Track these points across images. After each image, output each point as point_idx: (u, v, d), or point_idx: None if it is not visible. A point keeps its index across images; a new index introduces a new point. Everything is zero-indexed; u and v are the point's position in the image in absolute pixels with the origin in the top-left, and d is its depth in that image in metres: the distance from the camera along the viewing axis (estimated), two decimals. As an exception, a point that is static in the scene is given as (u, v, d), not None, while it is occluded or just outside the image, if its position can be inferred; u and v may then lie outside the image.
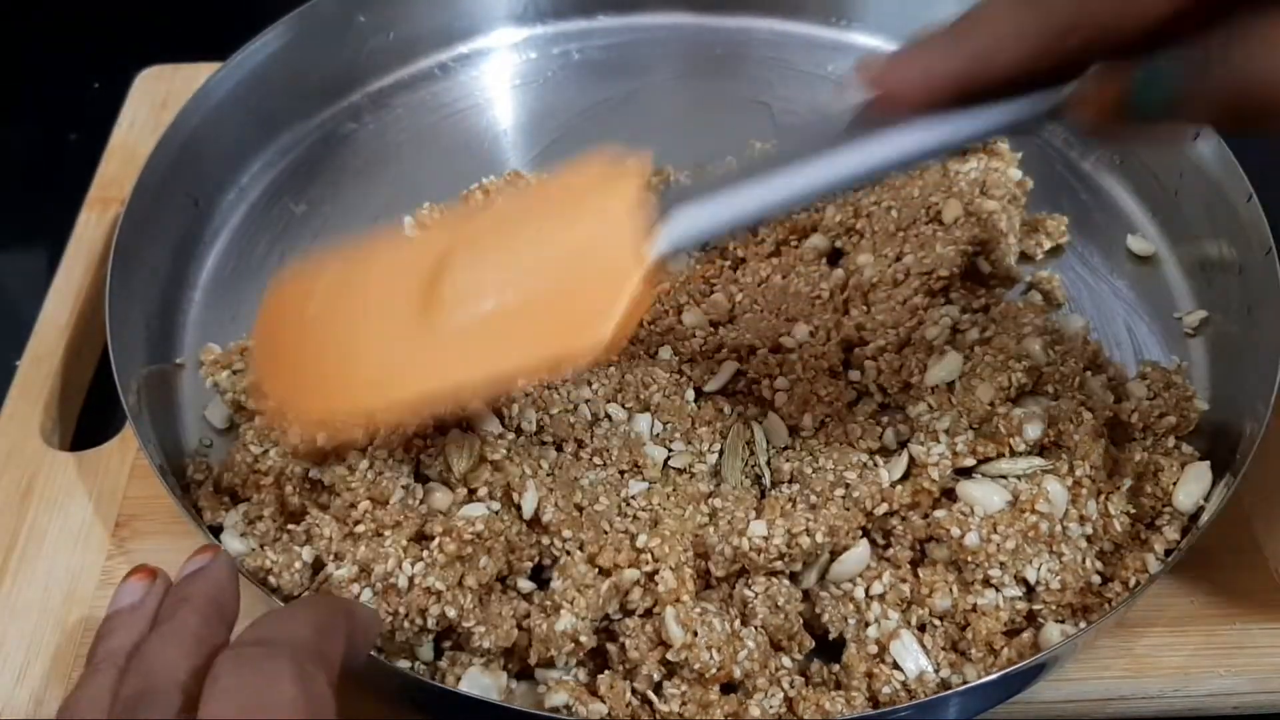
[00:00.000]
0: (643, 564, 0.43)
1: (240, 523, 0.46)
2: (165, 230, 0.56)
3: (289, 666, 0.30)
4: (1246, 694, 0.44)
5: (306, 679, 0.30)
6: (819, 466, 0.46)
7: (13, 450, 0.51)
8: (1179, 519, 0.45)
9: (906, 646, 0.42)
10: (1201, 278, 0.56)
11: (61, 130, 0.73)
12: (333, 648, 0.32)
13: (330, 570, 0.42)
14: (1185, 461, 0.46)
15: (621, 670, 0.42)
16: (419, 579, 0.41)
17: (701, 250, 0.55)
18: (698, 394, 0.49)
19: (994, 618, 0.42)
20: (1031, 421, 0.45)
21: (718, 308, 0.52)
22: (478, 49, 0.68)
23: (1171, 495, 0.45)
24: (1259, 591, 0.46)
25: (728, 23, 0.69)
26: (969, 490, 0.44)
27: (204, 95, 0.58)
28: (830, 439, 0.47)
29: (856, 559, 0.43)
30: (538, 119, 0.65)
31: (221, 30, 0.65)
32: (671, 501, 0.45)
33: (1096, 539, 0.44)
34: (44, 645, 0.45)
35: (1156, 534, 0.45)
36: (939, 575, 0.43)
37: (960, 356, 0.48)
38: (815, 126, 0.36)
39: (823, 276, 0.53)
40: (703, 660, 0.40)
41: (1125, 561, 0.44)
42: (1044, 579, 0.43)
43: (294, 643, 0.31)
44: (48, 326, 0.56)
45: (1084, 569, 0.43)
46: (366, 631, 0.36)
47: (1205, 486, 0.45)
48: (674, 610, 0.41)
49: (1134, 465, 0.46)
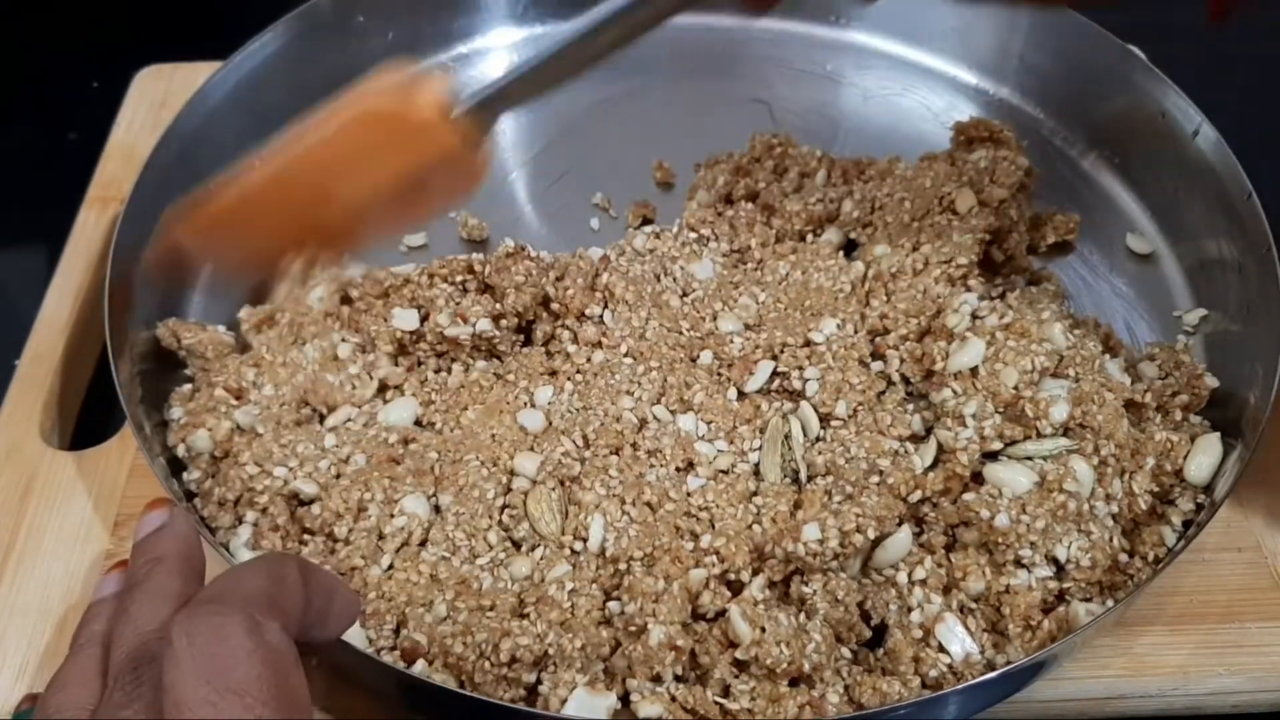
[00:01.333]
0: (709, 566, 0.43)
1: (250, 539, 0.46)
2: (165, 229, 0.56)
3: (240, 619, 0.30)
4: (1245, 693, 0.44)
5: (259, 630, 0.30)
6: (852, 456, 0.46)
7: (12, 449, 0.51)
8: (1191, 490, 0.46)
9: (951, 629, 0.42)
10: (1201, 276, 0.56)
11: (61, 130, 0.73)
12: (288, 598, 0.33)
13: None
14: (1195, 434, 0.47)
15: (693, 678, 0.42)
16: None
17: (723, 257, 0.55)
18: (739, 395, 0.49)
19: (1028, 597, 0.42)
20: (1057, 404, 0.45)
21: (748, 311, 0.52)
22: (476, 49, 0.68)
23: (1183, 469, 0.46)
24: (1258, 591, 0.46)
25: (726, 21, 0.69)
26: (997, 472, 0.44)
27: (204, 95, 0.58)
28: (861, 428, 0.47)
29: (899, 545, 0.44)
30: (536, 119, 0.65)
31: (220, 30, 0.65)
32: (724, 499, 0.45)
33: (1121, 517, 0.45)
34: (43, 643, 0.45)
35: (1173, 507, 0.45)
36: (971, 559, 0.43)
37: (982, 342, 0.48)
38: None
39: (842, 270, 0.53)
40: (774, 656, 0.40)
41: (1143, 536, 0.44)
42: (1074, 557, 0.43)
43: (245, 596, 0.31)
44: (47, 326, 0.56)
45: (1111, 546, 0.44)
46: (332, 595, 0.35)
47: (1216, 458, 0.46)
48: (738, 609, 0.41)
49: (1154, 445, 0.46)
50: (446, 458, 0.47)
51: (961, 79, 0.66)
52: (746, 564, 0.43)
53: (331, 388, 0.50)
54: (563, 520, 0.45)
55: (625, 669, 0.41)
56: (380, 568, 0.44)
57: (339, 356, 0.51)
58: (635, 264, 0.54)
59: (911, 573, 0.43)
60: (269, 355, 0.51)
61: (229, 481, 0.46)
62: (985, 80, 0.66)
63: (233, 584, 0.32)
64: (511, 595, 0.43)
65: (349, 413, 0.50)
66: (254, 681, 0.29)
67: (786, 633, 0.40)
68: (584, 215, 0.59)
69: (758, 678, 0.41)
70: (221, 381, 0.49)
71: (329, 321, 0.52)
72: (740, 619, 0.41)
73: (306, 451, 0.47)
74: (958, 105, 0.65)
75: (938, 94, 0.66)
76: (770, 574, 0.43)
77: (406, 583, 0.43)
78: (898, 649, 0.42)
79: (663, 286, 0.53)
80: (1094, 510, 0.44)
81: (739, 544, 0.43)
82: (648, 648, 0.40)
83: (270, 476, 0.46)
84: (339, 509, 0.45)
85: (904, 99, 0.66)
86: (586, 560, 0.44)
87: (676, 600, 0.42)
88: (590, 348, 0.51)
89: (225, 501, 0.46)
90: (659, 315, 0.52)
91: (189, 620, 0.30)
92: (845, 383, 0.48)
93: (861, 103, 0.66)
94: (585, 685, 0.40)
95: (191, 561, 0.37)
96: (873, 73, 0.67)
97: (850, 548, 0.43)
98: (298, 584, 0.33)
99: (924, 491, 0.45)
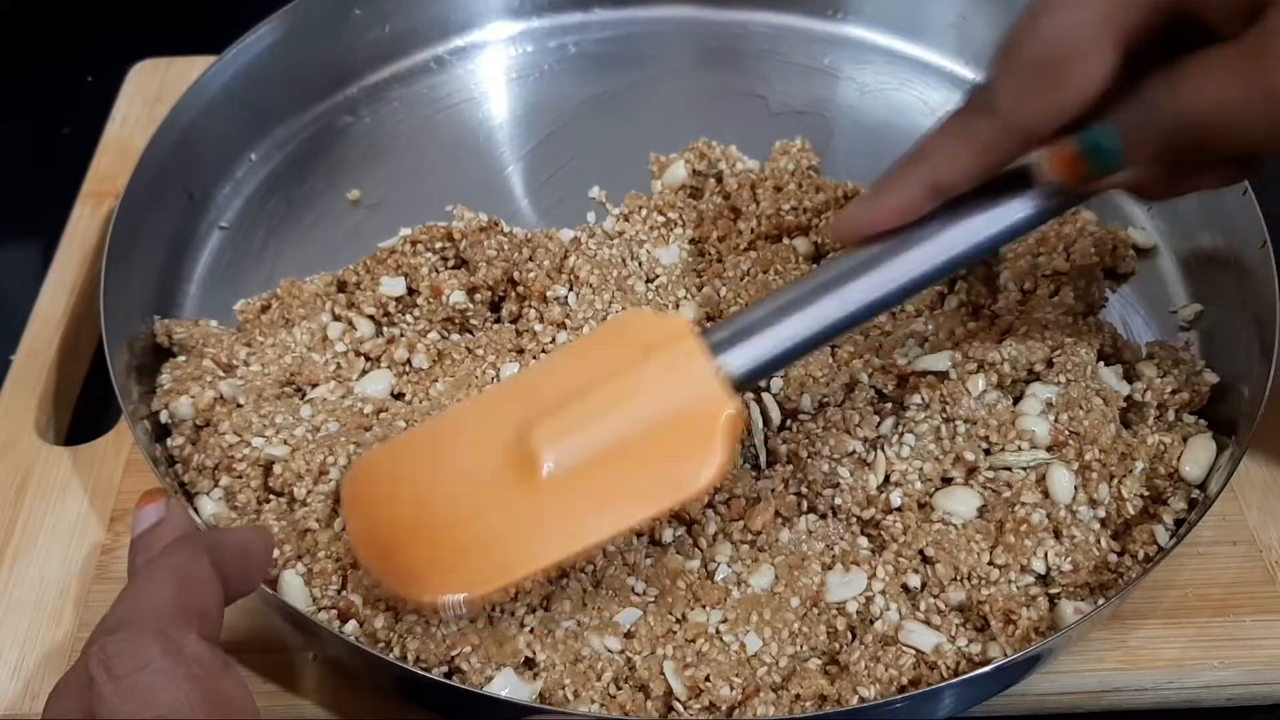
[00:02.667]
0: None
1: (222, 499, 0.46)
2: (160, 223, 0.56)
3: (152, 640, 0.30)
4: (1240, 686, 0.44)
5: (174, 646, 0.30)
6: (815, 451, 0.46)
7: (7, 444, 0.51)
8: (1184, 489, 0.46)
9: (912, 631, 0.42)
10: (1197, 271, 0.56)
11: (55, 124, 0.72)
12: (200, 598, 0.32)
13: None
14: (1188, 434, 0.47)
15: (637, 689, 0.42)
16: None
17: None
18: None
19: (1008, 598, 0.42)
20: (1038, 425, 0.45)
21: (710, 301, 0.52)
22: (474, 42, 0.68)
23: (1178, 469, 0.46)
24: (1252, 584, 0.46)
25: (724, 15, 0.69)
26: (942, 502, 0.44)
27: (200, 88, 0.58)
28: (829, 423, 0.47)
29: (858, 581, 0.43)
30: (534, 112, 0.65)
31: (214, 24, 0.65)
32: None
33: (1110, 521, 0.45)
34: (39, 639, 0.45)
35: (1165, 506, 0.45)
36: (945, 571, 0.43)
37: (948, 353, 0.48)
38: (845, 257, 0.40)
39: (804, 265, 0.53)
40: (719, 696, 0.40)
41: (1133, 534, 0.44)
42: (1054, 564, 0.43)
43: (152, 613, 0.31)
44: (42, 321, 0.56)
45: (1099, 549, 0.43)
46: (248, 554, 0.35)
47: (1210, 455, 0.46)
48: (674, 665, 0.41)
49: (1146, 448, 0.46)
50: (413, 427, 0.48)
51: (959, 74, 0.66)
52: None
53: (317, 366, 0.51)
54: None
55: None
56: (333, 530, 0.45)
57: (329, 337, 0.52)
58: (604, 247, 0.54)
59: (870, 584, 0.43)
60: (261, 337, 0.51)
61: (208, 449, 0.47)
62: (983, 74, 0.66)
63: (137, 603, 0.31)
64: None
65: (329, 387, 0.50)
66: (183, 701, 0.29)
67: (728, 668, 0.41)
68: (581, 209, 0.59)
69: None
70: (212, 354, 0.50)
71: (319, 303, 0.53)
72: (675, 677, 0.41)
73: (284, 421, 0.48)
74: (955, 100, 0.65)
75: (935, 88, 0.66)
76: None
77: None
78: (859, 657, 0.41)
79: (629, 271, 0.54)
80: (1077, 515, 0.44)
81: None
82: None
83: (249, 446, 0.47)
84: (300, 470, 0.46)
85: (901, 93, 0.66)
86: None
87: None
88: (555, 327, 0.51)
89: (204, 468, 0.47)
90: (622, 299, 0.52)
91: (102, 653, 0.29)
92: (808, 376, 0.48)
93: (859, 97, 0.66)
94: (512, 668, 0.40)
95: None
96: (870, 67, 0.67)
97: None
98: (207, 577, 0.33)
99: (877, 509, 0.45)
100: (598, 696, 0.40)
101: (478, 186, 0.61)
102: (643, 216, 0.56)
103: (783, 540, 0.44)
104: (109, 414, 0.53)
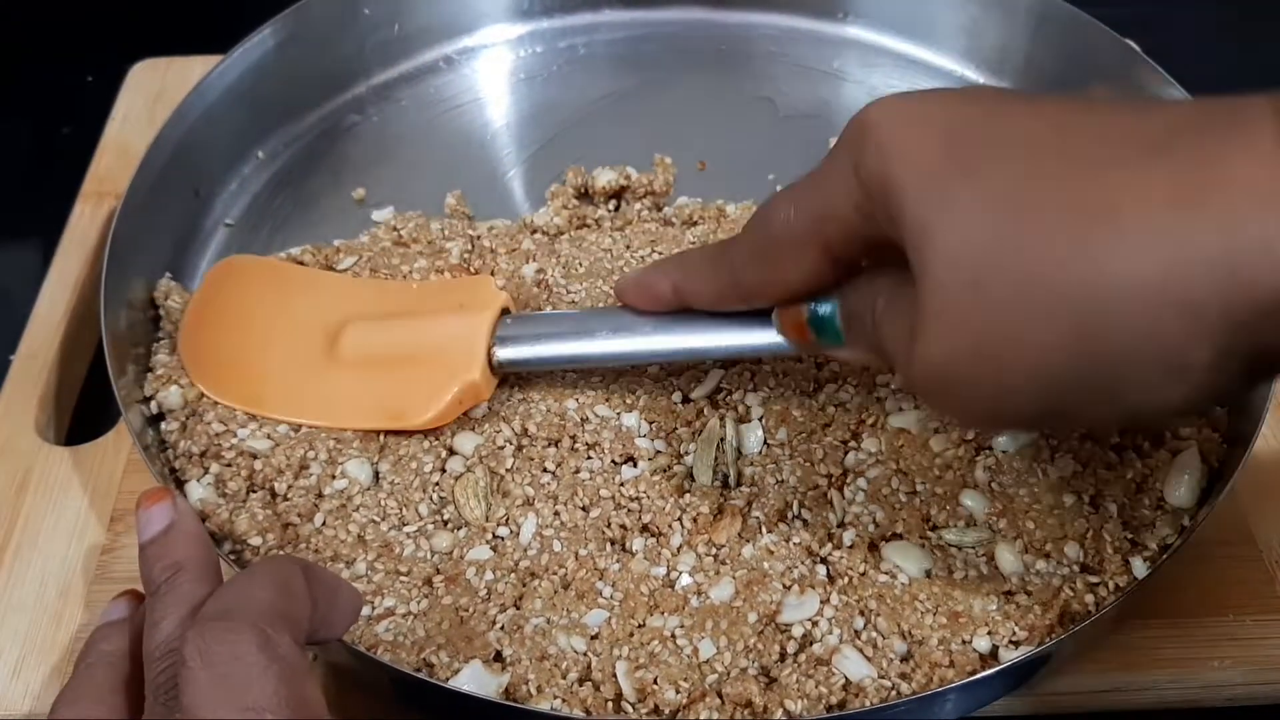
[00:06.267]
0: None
1: (211, 485, 0.46)
2: (166, 221, 0.56)
3: (252, 635, 0.30)
4: (1240, 685, 0.44)
5: (271, 645, 0.30)
6: (782, 480, 0.46)
7: (7, 445, 0.50)
8: (1169, 514, 0.44)
9: (848, 657, 0.41)
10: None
11: (55, 124, 0.72)
12: (296, 607, 0.33)
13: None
14: (1175, 450, 0.46)
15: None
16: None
17: None
18: (684, 399, 0.48)
19: (951, 654, 0.41)
20: (970, 494, 0.44)
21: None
22: (483, 42, 0.68)
23: (1163, 493, 0.45)
24: (1253, 584, 0.46)
25: (731, 18, 0.69)
26: (891, 554, 0.43)
27: (207, 85, 0.57)
28: (796, 454, 0.46)
29: (810, 605, 0.42)
30: (542, 113, 0.65)
31: (215, 23, 0.65)
32: (655, 491, 0.45)
33: (1086, 564, 0.43)
34: (40, 640, 0.44)
35: (1149, 531, 0.44)
36: (887, 625, 0.42)
37: (918, 414, 0.47)
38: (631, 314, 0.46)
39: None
40: (664, 699, 0.40)
41: (1106, 564, 0.43)
42: (999, 642, 0.41)
43: (254, 609, 0.31)
44: (42, 321, 0.55)
45: (1074, 589, 0.42)
46: (336, 595, 0.35)
47: (1196, 475, 0.45)
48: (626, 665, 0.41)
49: (1124, 484, 0.45)
50: None
51: (969, 77, 0.66)
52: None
53: None
54: (487, 509, 0.45)
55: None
56: (314, 525, 0.45)
57: None
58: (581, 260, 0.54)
59: (820, 610, 0.42)
60: None
61: (195, 436, 0.47)
62: (990, 77, 0.66)
63: (241, 596, 0.32)
64: (428, 566, 0.44)
65: None
66: (270, 698, 0.29)
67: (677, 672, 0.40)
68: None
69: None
70: None
71: None
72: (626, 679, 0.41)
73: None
74: (963, 103, 0.65)
75: (943, 92, 0.66)
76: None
77: (334, 539, 0.44)
78: (793, 674, 0.40)
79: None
80: (1031, 578, 0.42)
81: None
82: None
83: (234, 436, 0.47)
84: (280, 465, 0.46)
85: (909, 97, 0.66)
86: (512, 548, 0.44)
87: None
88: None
89: (191, 454, 0.47)
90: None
91: (201, 639, 0.30)
92: (788, 412, 0.47)
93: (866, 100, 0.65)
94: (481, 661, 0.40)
95: (211, 564, 0.36)
96: (878, 70, 0.67)
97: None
98: (303, 591, 0.33)
99: (836, 544, 0.44)
100: (560, 692, 0.40)
101: (484, 186, 0.60)
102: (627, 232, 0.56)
103: (744, 555, 0.44)
104: (109, 414, 0.52)
